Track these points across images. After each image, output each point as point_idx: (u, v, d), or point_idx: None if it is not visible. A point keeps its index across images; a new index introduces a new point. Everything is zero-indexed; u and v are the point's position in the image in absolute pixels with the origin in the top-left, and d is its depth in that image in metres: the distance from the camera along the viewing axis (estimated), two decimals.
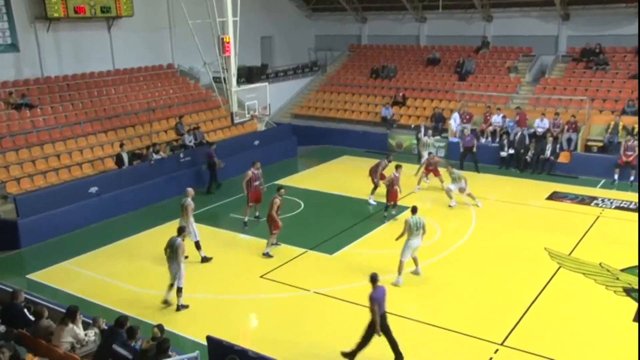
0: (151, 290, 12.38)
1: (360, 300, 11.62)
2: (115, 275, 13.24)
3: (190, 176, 19.35)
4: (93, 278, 13.17)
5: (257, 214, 16.63)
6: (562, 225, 15.57)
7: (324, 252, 14.23)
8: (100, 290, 12.50)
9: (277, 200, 13.68)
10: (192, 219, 13.53)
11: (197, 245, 13.71)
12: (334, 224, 16.05)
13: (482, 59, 27.02)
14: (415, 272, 12.70)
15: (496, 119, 22.37)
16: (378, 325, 9.41)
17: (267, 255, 13.86)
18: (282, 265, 13.57)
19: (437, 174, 18.65)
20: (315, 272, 13.18)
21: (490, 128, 22.38)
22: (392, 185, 15.78)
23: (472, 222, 15.99)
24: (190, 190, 13.95)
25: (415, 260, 12.67)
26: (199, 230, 15.11)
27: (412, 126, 23.85)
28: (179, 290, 11.45)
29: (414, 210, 12.60)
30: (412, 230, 12.26)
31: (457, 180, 16.97)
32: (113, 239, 15.37)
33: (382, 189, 16.85)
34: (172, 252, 11.37)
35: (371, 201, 17.34)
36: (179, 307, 11.43)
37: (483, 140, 22.36)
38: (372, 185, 17.48)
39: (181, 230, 11.65)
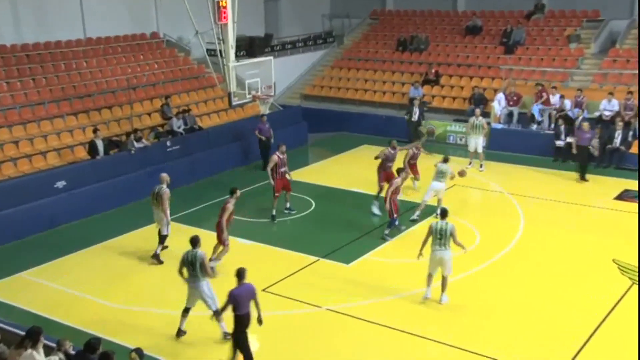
0: (130, 307, 12.27)
1: (385, 320, 11.51)
2: (86, 288, 13.11)
3: (180, 168, 19.25)
4: (58, 291, 13.05)
5: (287, 204, 16.82)
6: (635, 232, 15.18)
7: (339, 260, 14.12)
8: (67, 307, 12.38)
9: (230, 206, 13.28)
10: (168, 209, 13.96)
11: (162, 240, 14.17)
12: (351, 227, 15.88)
13: (534, 26, 26.63)
14: (440, 301, 12.15)
15: (551, 100, 21.99)
16: (220, 314, 9.97)
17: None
18: (289, 276, 13.43)
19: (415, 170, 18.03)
20: (328, 284, 13.05)
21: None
22: (393, 193, 14.77)
23: (519, 226, 15.73)
24: (164, 175, 14.32)
25: (443, 280, 12.08)
26: (190, 233, 15.15)
27: (415, 96, 23.51)
28: (217, 314, 10.84)
29: (443, 213, 12.19)
30: (434, 237, 11.84)
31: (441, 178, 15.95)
32: (84, 243, 15.26)
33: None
34: (196, 269, 10.78)
35: (375, 209, 16.66)
36: (225, 335, 10.85)
37: (534, 126, 22.05)
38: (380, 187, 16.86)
39: (194, 242, 11.00)
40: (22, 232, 15.67)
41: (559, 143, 20.87)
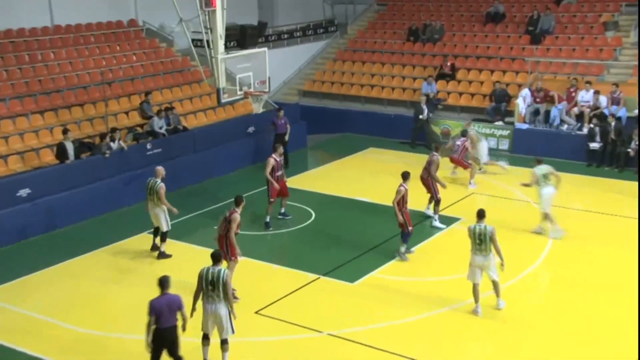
0: (106, 332, 12.16)
1: (396, 347, 11.45)
2: (53, 311, 13.02)
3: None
4: (21, 315, 12.94)
5: (282, 210, 17.08)
6: None
7: (343, 279, 14.07)
8: (32, 333, 12.29)
9: (237, 216, 13.05)
10: (164, 205, 14.94)
11: (164, 237, 15.21)
12: (356, 241, 15.85)
13: (565, 12, 26.63)
14: (497, 307, 12.63)
15: (584, 96, 21.97)
16: (147, 336, 10.07)
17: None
18: (285, 296, 13.35)
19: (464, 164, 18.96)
20: (330, 306, 13.00)
21: (576, 109, 21.99)
22: (399, 203, 14.58)
23: (547, 241, 15.69)
24: (160, 169, 15.27)
25: (494, 285, 12.51)
26: (173, 248, 15.30)
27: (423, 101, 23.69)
28: (225, 343, 10.81)
29: (480, 215, 12.49)
30: (474, 242, 12.31)
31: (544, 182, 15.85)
32: (51, 260, 15.17)
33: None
34: (218, 290, 10.58)
35: (436, 223, 16.67)
36: None
37: (564, 127, 22.00)
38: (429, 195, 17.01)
39: (217, 258, 10.85)
40: None
41: (594, 145, 20.82)
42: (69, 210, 17.19)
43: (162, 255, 15.15)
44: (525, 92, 22.96)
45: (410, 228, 14.77)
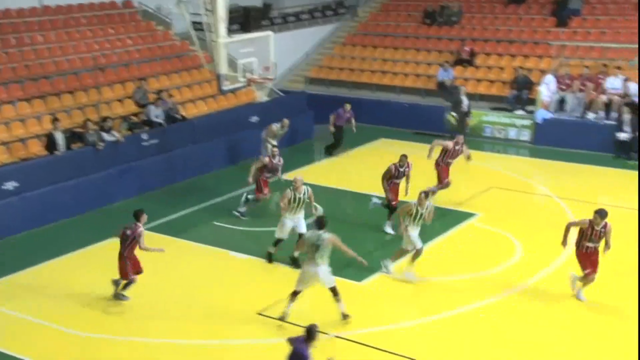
0: (101, 335, 12.26)
1: (407, 350, 11.59)
2: (44, 313, 13.09)
3: (158, 167, 19.42)
4: (8, 317, 13.02)
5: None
6: None
7: (350, 277, 14.14)
8: (21, 337, 12.39)
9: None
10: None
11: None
12: (365, 238, 15.98)
13: None
14: None
15: (613, 83, 22.02)
16: None
17: (121, 296, 13.37)
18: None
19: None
20: (336, 307, 12.97)
21: (604, 97, 22.00)
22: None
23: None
24: (285, 121, 16.85)
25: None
26: (171, 244, 15.24)
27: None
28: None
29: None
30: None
31: None
32: (40, 257, 15.27)
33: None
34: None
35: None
36: None
37: (592, 115, 21.99)
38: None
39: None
40: None
41: (623, 136, 20.81)
42: (58, 205, 17.28)
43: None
44: (549, 78, 22.97)
45: None
